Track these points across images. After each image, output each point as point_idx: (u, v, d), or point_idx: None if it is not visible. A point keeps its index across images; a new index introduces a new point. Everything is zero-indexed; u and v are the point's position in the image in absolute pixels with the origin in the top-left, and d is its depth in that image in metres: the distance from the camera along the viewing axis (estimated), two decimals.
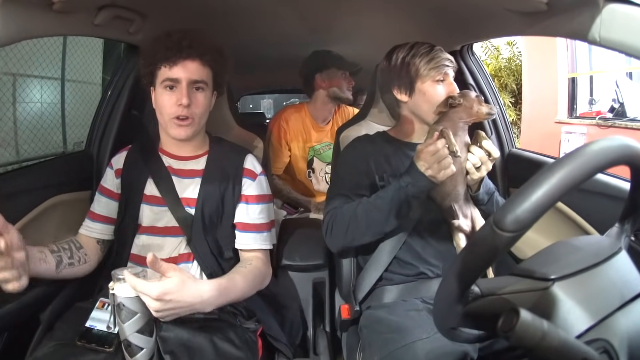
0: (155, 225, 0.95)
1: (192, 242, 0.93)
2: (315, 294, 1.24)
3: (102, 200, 1.00)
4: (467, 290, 0.53)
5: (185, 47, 0.89)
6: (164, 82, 0.90)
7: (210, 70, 0.94)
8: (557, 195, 0.44)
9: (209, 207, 0.95)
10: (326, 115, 1.77)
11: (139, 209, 0.96)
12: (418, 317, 0.88)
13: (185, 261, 0.93)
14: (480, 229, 0.49)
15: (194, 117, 0.92)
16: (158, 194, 0.96)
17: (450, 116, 0.91)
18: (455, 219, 0.96)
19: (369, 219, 0.92)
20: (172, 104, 0.90)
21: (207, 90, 0.94)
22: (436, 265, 0.98)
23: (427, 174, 0.84)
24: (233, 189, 0.97)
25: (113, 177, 1.01)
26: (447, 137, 0.85)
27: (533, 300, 0.54)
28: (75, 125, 3.40)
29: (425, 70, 0.97)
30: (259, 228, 0.99)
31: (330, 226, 0.97)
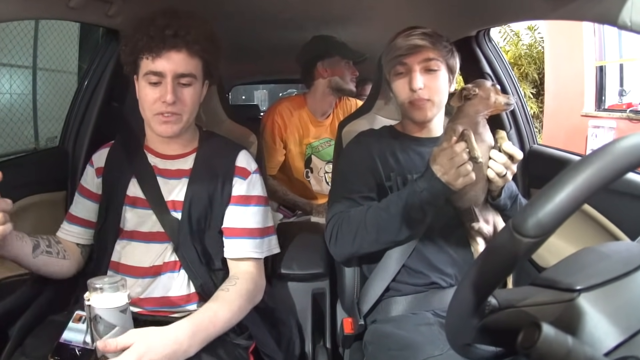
0: (138, 229, 0.95)
1: (180, 249, 0.93)
2: (315, 306, 1.24)
3: (81, 202, 1.00)
4: (483, 302, 0.53)
5: (170, 37, 0.86)
6: (146, 74, 0.88)
7: (200, 61, 0.91)
8: (583, 197, 0.44)
9: (197, 210, 0.94)
10: (326, 108, 1.78)
11: (121, 211, 0.95)
12: (429, 332, 0.88)
13: (171, 270, 0.93)
14: (498, 235, 0.49)
15: (181, 114, 0.90)
16: (142, 196, 0.95)
17: (467, 110, 0.90)
18: (474, 222, 0.95)
19: (380, 227, 0.92)
20: (156, 100, 0.88)
21: (196, 84, 0.92)
22: (450, 274, 0.98)
23: (443, 180, 0.84)
24: (222, 190, 0.96)
25: (94, 176, 1.00)
26: (468, 140, 0.83)
27: (557, 314, 0.53)
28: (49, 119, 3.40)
29: (385, 63, 1.01)
30: (250, 233, 0.97)
31: (334, 234, 0.97)
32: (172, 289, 0.92)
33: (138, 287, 0.91)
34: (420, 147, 1.03)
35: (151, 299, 0.91)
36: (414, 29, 0.98)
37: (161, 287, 0.92)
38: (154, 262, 0.93)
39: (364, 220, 0.93)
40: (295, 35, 1.66)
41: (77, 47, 3.73)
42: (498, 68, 1.38)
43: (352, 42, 1.68)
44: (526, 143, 1.34)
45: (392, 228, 0.92)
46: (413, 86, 0.96)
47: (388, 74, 1.03)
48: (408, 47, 0.96)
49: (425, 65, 0.97)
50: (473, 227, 0.96)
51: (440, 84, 0.98)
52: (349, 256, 1.01)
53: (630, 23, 0.69)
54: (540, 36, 5.34)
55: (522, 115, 1.35)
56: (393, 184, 0.99)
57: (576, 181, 0.44)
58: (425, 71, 0.97)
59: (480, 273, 0.51)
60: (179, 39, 0.86)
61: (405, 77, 0.98)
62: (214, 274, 0.95)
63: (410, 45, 0.96)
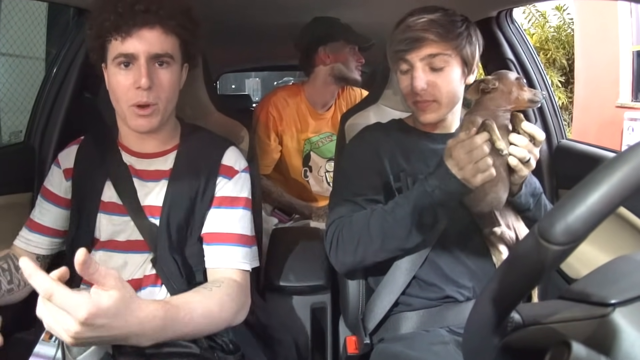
0: (115, 239, 0.94)
1: (158, 261, 0.92)
2: (315, 322, 1.25)
3: (45, 207, 0.98)
4: (505, 319, 0.53)
5: (141, 12, 0.84)
6: (116, 58, 0.86)
7: (177, 39, 0.90)
8: (618, 199, 0.45)
9: (176, 217, 0.93)
10: (327, 99, 1.78)
11: (96, 219, 0.94)
12: (444, 352, 0.88)
13: (153, 284, 0.92)
14: (522, 241, 0.49)
15: (159, 103, 0.88)
16: (119, 201, 0.94)
17: (486, 104, 0.89)
18: (496, 227, 0.95)
19: (385, 233, 0.92)
20: (129, 87, 0.86)
21: (173, 65, 0.90)
22: (467, 286, 0.98)
23: (459, 177, 0.83)
24: (204, 193, 0.95)
25: (61, 178, 0.99)
26: (491, 130, 0.83)
27: (588, 331, 0.54)
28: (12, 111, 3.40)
29: (388, 56, 1.01)
30: (234, 240, 0.94)
31: (335, 241, 0.97)
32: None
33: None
34: (434, 144, 1.02)
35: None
36: (419, 15, 0.95)
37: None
38: (133, 275, 0.92)
39: (367, 225, 0.93)
40: (293, 17, 1.66)
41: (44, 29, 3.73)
42: (522, 53, 1.38)
43: (357, 25, 1.68)
44: (554, 138, 1.34)
45: (398, 234, 0.91)
46: (415, 87, 0.95)
47: (392, 68, 1.03)
48: (408, 40, 0.94)
49: (429, 62, 0.95)
50: (495, 233, 0.95)
51: (449, 82, 0.96)
52: (352, 267, 1.00)
53: None
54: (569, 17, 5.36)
55: (550, 107, 1.35)
56: (403, 185, 0.99)
57: (611, 181, 0.45)
58: (430, 69, 0.95)
59: (501, 285, 0.51)
60: (151, 15, 0.85)
61: (408, 74, 0.97)
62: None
63: (411, 38, 0.93)
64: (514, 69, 1.35)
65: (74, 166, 0.98)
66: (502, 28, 1.38)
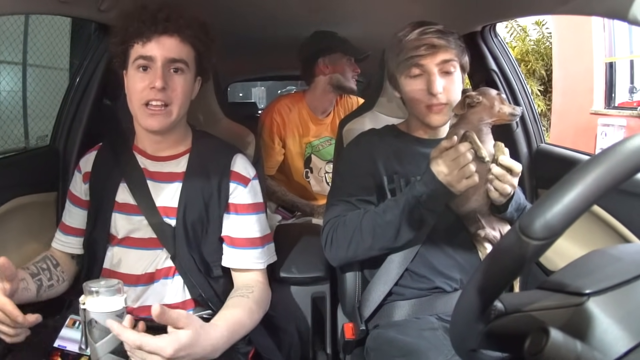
0: (131, 236, 0.94)
1: (177, 258, 0.92)
2: (315, 310, 1.24)
3: (72, 211, 0.99)
4: (489, 307, 0.53)
5: (162, 20, 0.85)
6: (136, 60, 0.87)
7: (192, 49, 0.91)
8: (592, 198, 0.45)
9: (192, 217, 0.93)
10: (326, 106, 1.78)
11: (111, 218, 0.94)
12: (433, 338, 0.88)
13: (165, 277, 0.93)
14: (505, 237, 0.49)
15: (170, 104, 0.88)
16: (133, 202, 0.93)
17: (469, 118, 0.89)
18: (480, 229, 0.95)
19: (376, 233, 0.92)
20: (145, 88, 0.86)
21: (187, 73, 0.90)
22: (455, 278, 0.98)
23: (444, 182, 0.84)
24: (219, 196, 0.94)
25: (81, 182, 0.99)
26: (472, 140, 0.84)
27: (565, 318, 0.54)
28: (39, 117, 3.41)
29: (395, 64, 0.97)
30: (250, 243, 0.96)
31: (330, 238, 0.97)
32: (167, 296, 0.92)
33: (132, 295, 0.90)
34: (425, 149, 1.01)
35: (145, 307, 0.90)
36: (427, 25, 0.95)
37: (155, 295, 0.92)
38: (146, 270, 0.92)
39: (360, 225, 0.93)
40: (295, 31, 1.67)
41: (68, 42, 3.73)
42: (504, 64, 1.38)
43: (354, 39, 1.68)
44: (533, 142, 1.34)
45: (388, 235, 0.92)
46: (433, 90, 0.93)
47: (399, 74, 0.99)
48: (425, 47, 0.93)
49: (443, 67, 0.94)
50: (479, 235, 0.96)
51: (457, 86, 0.97)
52: (345, 262, 1.01)
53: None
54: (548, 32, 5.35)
55: (530, 114, 1.35)
56: (396, 186, 0.99)
57: (585, 181, 0.45)
58: (443, 73, 0.95)
59: (486, 277, 0.51)
60: (170, 23, 0.86)
61: (421, 79, 0.95)
62: (213, 281, 0.94)
63: (428, 44, 0.93)
64: (497, 80, 1.34)
65: (92, 170, 0.98)
66: (487, 41, 1.38)
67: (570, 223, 0.44)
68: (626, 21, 0.72)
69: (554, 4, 0.90)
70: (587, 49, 4.49)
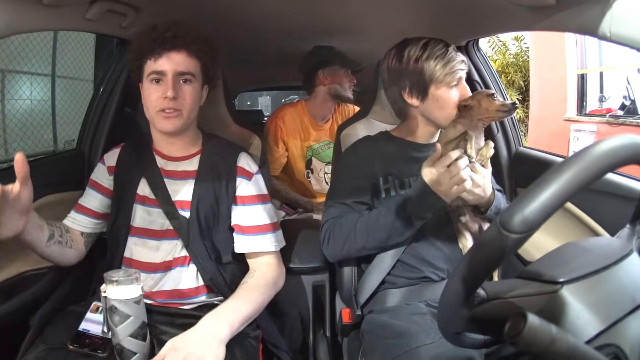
0: (149, 227, 0.95)
1: (190, 246, 0.93)
2: (315, 297, 1.24)
3: (90, 194, 1.00)
4: (472, 294, 0.53)
5: (170, 38, 0.89)
6: (149, 75, 0.90)
7: (198, 62, 0.93)
8: (566, 196, 0.45)
9: (204, 209, 0.95)
10: (325, 113, 1.78)
11: (132, 209, 0.95)
12: (422, 322, 0.88)
13: (181, 264, 0.93)
14: (487, 231, 0.49)
15: (182, 110, 0.91)
16: (152, 195, 0.95)
17: (464, 117, 0.91)
18: (462, 216, 0.96)
19: (368, 237, 0.93)
20: (159, 97, 0.89)
21: (195, 83, 0.93)
22: (441, 268, 0.98)
23: (437, 192, 0.85)
24: (227, 190, 0.97)
25: (105, 173, 1.00)
26: (470, 140, 0.86)
27: (541, 304, 0.54)
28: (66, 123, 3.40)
29: (441, 75, 0.94)
30: (260, 230, 0.98)
31: (327, 237, 0.97)
32: (182, 282, 0.92)
33: (150, 281, 0.91)
34: (416, 152, 1.02)
35: (162, 291, 0.92)
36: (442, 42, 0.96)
37: (172, 281, 0.92)
38: (164, 258, 0.93)
39: (354, 228, 0.94)
40: (297, 46, 1.67)
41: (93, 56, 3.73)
42: (486, 76, 1.38)
43: (350, 52, 1.68)
44: (512, 146, 1.34)
45: (379, 238, 0.93)
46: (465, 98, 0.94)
47: (439, 82, 0.95)
48: (464, 63, 0.95)
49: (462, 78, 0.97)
50: (461, 221, 0.96)
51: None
52: (339, 258, 1.02)
53: (609, 34, 0.69)
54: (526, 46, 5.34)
55: (509, 120, 1.35)
56: (390, 186, 0.99)
57: (559, 181, 0.45)
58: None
59: (469, 267, 0.51)
60: (178, 40, 0.89)
61: (457, 88, 0.95)
62: (222, 267, 0.95)
63: (464, 62, 0.95)
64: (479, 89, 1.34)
65: (116, 165, 1.00)
66: (470, 55, 1.38)
67: (546, 218, 0.44)
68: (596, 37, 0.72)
69: (531, 21, 0.90)
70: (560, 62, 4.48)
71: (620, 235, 0.62)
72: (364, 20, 1.42)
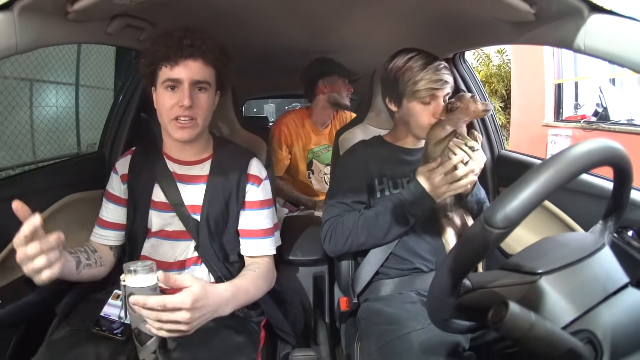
0: (165, 229, 0.92)
1: (200, 247, 0.91)
2: (316, 287, 1.24)
3: (110, 207, 0.95)
4: (459, 284, 0.53)
5: (187, 46, 0.82)
6: (165, 82, 0.84)
7: (214, 70, 0.87)
8: (544, 194, 0.45)
9: (214, 213, 0.91)
10: (325, 119, 1.77)
11: (148, 215, 0.92)
12: (413, 309, 0.88)
13: (194, 264, 0.92)
14: (472, 226, 0.49)
15: (197, 118, 0.85)
16: (165, 200, 0.91)
17: (451, 119, 0.91)
18: (448, 211, 0.97)
19: (369, 233, 0.94)
20: (174, 105, 0.83)
21: (210, 91, 0.87)
22: (430, 260, 0.98)
23: (431, 194, 0.87)
24: (237, 195, 0.92)
25: (119, 182, 0.95)
26: (463, 135, 0.87)
27: (521, 294, 0.54)
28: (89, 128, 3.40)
29: (410, 90, 0.94)
30: (264, 234, 0.94)
31: (329, 235, 0.97)
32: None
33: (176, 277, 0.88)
34: (408, 156, 1.03)
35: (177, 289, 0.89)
36: (437, 59, 0.95)
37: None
38: (179, 258, 0.91)
39: (356, 226, 0.94)
40: (299, 57, 1.66)
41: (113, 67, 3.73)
42: (471, 85, 1.38)
43: (347, 63, 1.68)
44: (495, 149, 1.34)
45: (378, 234, 0.94)
46: (441, 115, 0.93)
47: (411, 98, 0.95)
48: (442, 82, 0.93)
49: (445, 97, 0.95)
50: (448, 216, 0.97)
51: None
52: (340, 254, 1.02)
53: (584, 47, 0.69)
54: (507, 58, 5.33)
55: (492, 125, 1.35)
56: (385, 186, 0.99)
57: (538, 181, 0.45)
58: (444, 102, 0.95)
59: (456, 259, 0.51)
60: (195, 49, 0.83)
61: (430, 106, 0.94)
62: (230, 266, 0.93)
63: (443, 80, 0.93)
64: None
65: (129, 172, 0.95)
66: (457, 66, 1.38)
67: (526, 215, 0.44)
68: (571, 50, 0.72)
69: (513, 36, 0.90)
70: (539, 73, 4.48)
71: (594, 230, 0.63)
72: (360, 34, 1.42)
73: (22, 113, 2.79)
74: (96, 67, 3.54)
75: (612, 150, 0.50)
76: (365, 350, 0.88)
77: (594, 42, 0.68)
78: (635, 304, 0.51)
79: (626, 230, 0.81)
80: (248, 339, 0.85)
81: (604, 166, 0.51)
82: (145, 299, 0.63)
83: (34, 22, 0.70)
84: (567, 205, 0.99)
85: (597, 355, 0.46)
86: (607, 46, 0.66)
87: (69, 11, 0.75)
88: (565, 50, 3.35)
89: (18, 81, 2.75)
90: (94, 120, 3.40)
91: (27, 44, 0.70)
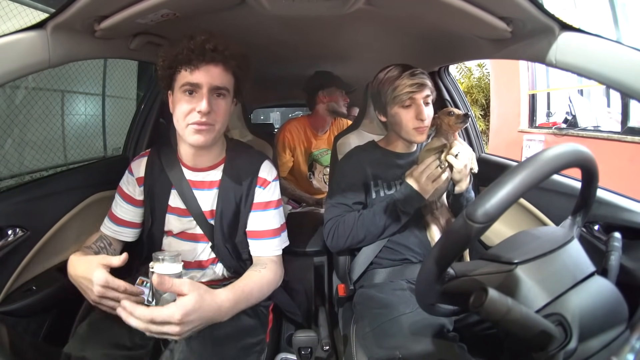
0: (183, 231, 0.88)
1: (215, 248, 0.87)
2: (317, 275, 1.24)
3: (124, 207, 0.87)
4: (444, 272, 0.53)
5: (209, 51, 0.73)
6: (183, 86, 0.75)
7: (233, 77, 0.78)
8: (519, 193, 0.45)
9: (227, 217, 0.86)
10: (324, 126, 1.78)
11: (165, 218, 0.86)
12: (403, 295, 0.88)
13: (212, 263, 0.89)
14: (455, 221, 0.49)
15: (214, 124, 0.77)
16: (182, 206, 0.85)
17: (440, 131, 0.93)
18: (435, 209, 0.98)
19: (368, 231, 0.94)
20: (191, 110, 0.75)
21: (228, 97, 0.78)
22: (418, 252, 0.98)
23: (419, 191, 0.88)
24: (246, 199, 0.86)
25: (135, 184, 0.88)
26: (447, 150, 0.89)
27: (499, 281, 0.54)
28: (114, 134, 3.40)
29: (390, 97, 0.94)
30: (272, 234, 0.87)
31: (332, 234, 0.96)
32: (213, 277, 0.90)
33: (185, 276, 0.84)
34: (400, 160, 1.02)
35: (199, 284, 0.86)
36: (412, 68, 0.93)
37: (205, 277, 0.89)
38: (195, 258, 0.88)
39: (356, 225, 0.94)
40: (301, 71, 1.67)
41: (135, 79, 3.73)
42: (455, 95, 1.38)
43: (344, 76, 1.68)
44: (476, 152, 1.34)
45: (376, 232, 0.94)
46: (422, 117, 0.91)
47: (392, 104, 0.94)
48: (417, 85, 0.90)
49: (425, 99, 0.93)
50: (434, 214, 0.98)
51: (432, 113, 0.95)
52: (341, 250, 1.02)
53: (555, 61, 0.69)
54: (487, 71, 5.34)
55: (473, 131, 1.35)
56: (380, 188, 0.99)
57: (514, 181, 0.45)
58: (426, 104, 0.93)
59: (441, 251, 0.51)
60: (217, 54, 0.74)
61: (411, 109, 0.93)
62: (242, 262, 0.90)
63: (419, 83, 0.91)
64: (449, 106, 1.34)
65: (145, 176, 0.87)
66: (442, 78, 1.38)
67: (504, 211, 0.45)
68: (544, 64, 0.72)
69: (492, 51, 0.90)
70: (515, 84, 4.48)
71: (564, 225, 0.63)
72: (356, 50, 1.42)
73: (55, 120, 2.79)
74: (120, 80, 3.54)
75: (580, 153, 0.50)
76: (360, 331, 0.88)
77: (565, 57, 0.68)
78: (601, 291, 0.51)
79: (593, 225, 0.81)
80: (258, 321, 0.85)
81: (573, 168, 0.51)
82: (133, 308, 0.58)
83: (65, 39, 0.70)
84: (540, 202, 0.99)
85: (567, 336, 0.47)
86: (576, 60, 0.66)
87: (96, 29, 0.75)
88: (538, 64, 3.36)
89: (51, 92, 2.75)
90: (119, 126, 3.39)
91: (59, 59, 0.70)
